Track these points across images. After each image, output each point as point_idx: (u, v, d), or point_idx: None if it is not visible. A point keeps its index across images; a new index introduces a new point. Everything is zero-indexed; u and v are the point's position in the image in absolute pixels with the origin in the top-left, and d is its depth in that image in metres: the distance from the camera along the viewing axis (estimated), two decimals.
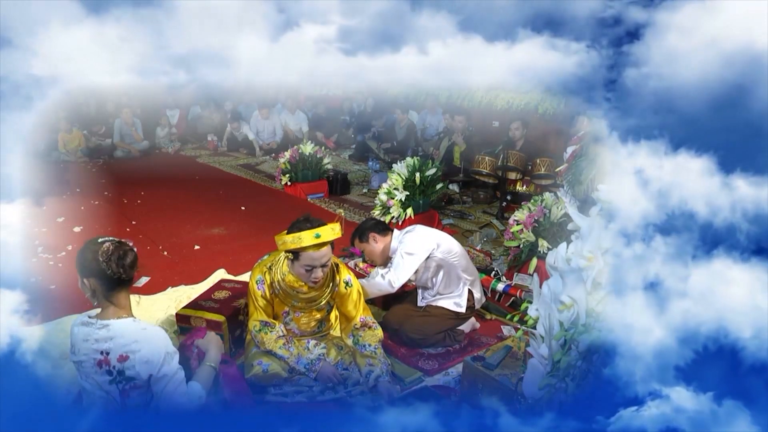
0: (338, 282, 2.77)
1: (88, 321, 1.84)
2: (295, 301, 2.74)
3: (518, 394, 2.16)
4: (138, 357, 1.78)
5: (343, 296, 2.79)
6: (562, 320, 1.75)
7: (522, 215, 3.85)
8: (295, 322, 2.81)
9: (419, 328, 3.12)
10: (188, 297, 3.54)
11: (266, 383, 2.65)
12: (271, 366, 2.66)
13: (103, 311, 1.85)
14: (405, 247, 3.17)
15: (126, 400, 1.83)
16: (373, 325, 2.82)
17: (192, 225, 5.31)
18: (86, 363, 1.82)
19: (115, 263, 1.78)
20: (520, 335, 2.73)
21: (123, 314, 1.85)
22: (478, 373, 2.55)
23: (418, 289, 3.37)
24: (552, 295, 1.78)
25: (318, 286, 2.71)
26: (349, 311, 2.82)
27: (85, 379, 1.86)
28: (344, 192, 6.69)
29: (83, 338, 1.82)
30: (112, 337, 1.79)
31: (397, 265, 3.14)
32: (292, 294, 2.71)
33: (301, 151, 6.57)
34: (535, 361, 1.91)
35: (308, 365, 2.65)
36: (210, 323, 2.93)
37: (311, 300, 2.76)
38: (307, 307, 2.77)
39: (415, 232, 3.24)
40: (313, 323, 2.84)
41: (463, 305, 3.23)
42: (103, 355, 1.79)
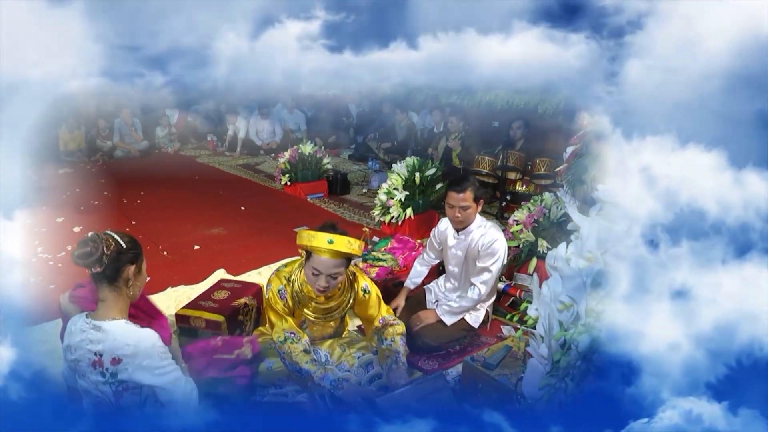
0: (356, 290, 2.73)
1: (84, 321, 1.84)
2: (311, 312, 2.69)
3: (518, 394, 2.16)
4: (130, 360, 1.78)
5: (361, 303, 2.76)
6: (562, 320, 1.75)
7: (522, 215, 3.85)
8: (309, 328, 2.77)
9: (439, 335, 3.09)
10: (188, 297, 3.54)
11: (268, 382, 2.64)
12: (275, 364, 2.65)
13: (97, 311, 1.85)
14: (497, 249, 3.05)
15: (120, 401, 1.83)
16: (394, 322, 2.76)
17: (192, 225, 5.31)
18: (82, 362, 1.83)
19: (73, 252, 1.77)
20: (520, 335, 2.73)
21: (116, 315, 1.83)
22: (478, 373, 2.55)
23: (435, 292, 3.35)
24: (552, 295, 1.78)
25: (333, 296, 2.67)
26: (370, 315, 2.78)
27: (81, 377, 1.86)
28: (344, 192, 6.69)
29: (79, 338, 1.82)
30: (104, 340, 1.79)
31: (497, 269, 3.04)
32: (308, 304, 2.68)
33: (301, 151, 6.58)
34: (535, 361, 1.91)
35: (335, 382, 2.51)
36: (209, 323, 2.93)
37: (328, 311, 2.72)
38: (323, 318, 2.73)
39: (498, 230, 3.13)
40: (328, 330, 2.82)
41: (480, 320, 3.21)
42: (97, 356, 1.79)
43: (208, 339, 2.50)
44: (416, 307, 3.28)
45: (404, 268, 3.86)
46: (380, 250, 4.08)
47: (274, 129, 9.27)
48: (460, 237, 3.16)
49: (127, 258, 1.84)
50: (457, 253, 3.18)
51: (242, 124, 9.22)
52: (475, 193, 3.06)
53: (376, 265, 3.81)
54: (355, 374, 2.62)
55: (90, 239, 1.79)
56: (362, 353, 2.74)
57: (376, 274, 3.72)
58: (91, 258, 1.77)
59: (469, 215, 3.08)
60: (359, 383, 2.59)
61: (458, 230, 3.17)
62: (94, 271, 1.79)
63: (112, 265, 1.80)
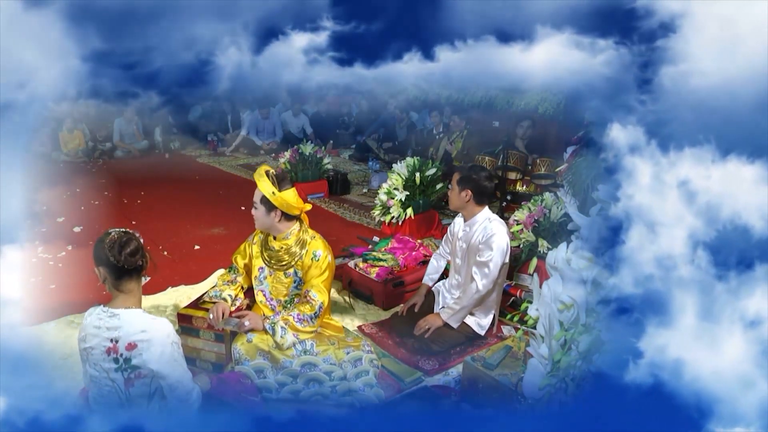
0: (308, 251, 2.89)
1: (100, 310, 1.92)
2: (267, 257, 2.96)
3: (518, 394, 2.17)
4: (145, 346, 1.86)
5: (307, 266, 2.89)
6: (562, 320, 1.75)
7: (522, 215, 3.85)
8: (268, 282, 2.99)
9: (444, 340, 3.08)
10: (188, 297, 3.55)
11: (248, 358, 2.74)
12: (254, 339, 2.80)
13: (114, 300, 1.93)
14: (500, 242, 3.02)
15: (130, 389, 1.89)
16: (311, 300, 2.85)
17: (192, 225, 5.32)
18: (96, 350, 1.89)
19: (118, 252, 1.85)
20: (520, 335, 2.74)
21: (132, 304, 1.92)
22: (478, 373, 2.55)
23: (442, 294, 3.34)
24: (552, 295, 1.78)
25: (283, 246, 2.91)
26: (306, 279, 2.91)
27: (93, 366, 1.92)
28: (344, 192, 6.69)
29: (95, 325, 1.89)
30: (121, 326, 1.87)
31: (496, 264, 3.01)
32: (266, 249, 2.97)
33: (301, 151, 6.57)
34: (535, 361, 1.91)
35: (216, 294, 2.97)
36: (210, 323, 2.93)
37: (279, 260, 2.93)
38: (275, 267, 2.95)
39: (502, 225, 3.11)
40: (282, 290, 2.97)
41: (485, 327, 3.20)
42: (113, 342, 1.86)
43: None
44: (422, 313, 3.27)
45: (404, 268, 3.86)
46: (380, 250, 4.08)
47: (275, 129, 9.26)
48: (465, 228, 3.16)
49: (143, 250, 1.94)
50: (462, 245, 3.18)
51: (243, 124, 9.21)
52: (461, 177, 3.08)
53: (377, 265, 3.80)
54: (341, 368, 2.72)
55: (130, 236, 1.89)
56: (352, 349, 2.83)
57: (376, 274, 3.71)
58: (138, 253, 1.88)
59: (452, 197, 3.15)
60: (345, 377, 2.70)
61: (465, 221, 3.17)
62: (138, 264, 1.89)
63: (146, 257, 1.94)
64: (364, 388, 2.69)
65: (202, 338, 2.92)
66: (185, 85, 2.37)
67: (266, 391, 2.65)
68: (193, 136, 9.62)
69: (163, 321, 1.93)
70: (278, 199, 2.77)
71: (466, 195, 3.08)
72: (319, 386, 2.66)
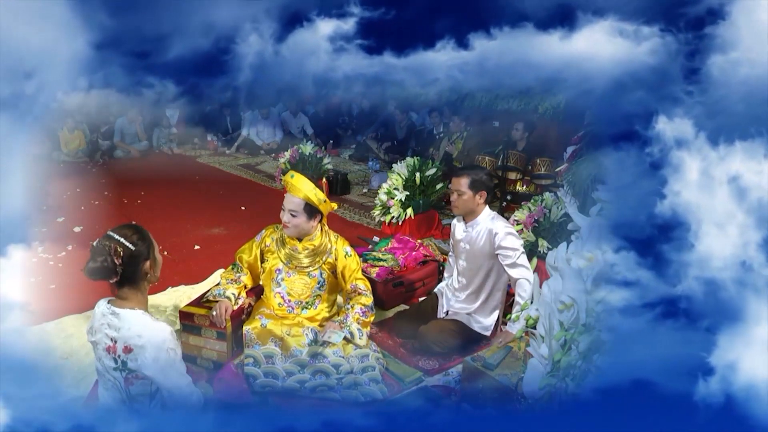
0: (338, 250, 2.92)
1: (106, 305, 1.87)
2: (284, 257, 2.90)
3: (518, 394, 2.17)
4: (140, 351, 1.80)
5: (342, 264, 2.94)
6: (562, 320, 1.75)
7: (522, 215, 3.85)
8: (286, 283, 2.92)
9: (446, 342, 3.07)
10: (188, 297, 3.54)
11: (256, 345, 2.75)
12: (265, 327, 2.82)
13: (117, 299, 1.87)
14: (512, 239, 3.01)
15: (130, 388, 1.86)
16: (363, 292, 2.93)
17: (192, 225, 5.32)
18: (99, 345, 1.86)
19: (105, 270, 1.78)
20: (521, 335, 2.73)
21: (134, 305, 1.86)
22: (478, 373, 2.55)
23: (446, 296, 3.32)
24: (552, 295, 1.78)
25: (306, 248, 2.88)
26: (347, 277, 2.96)
27: (98, 360, 1.90)
28: (344, 192, 6.69)
29: (100, 321, 1.86)
30: (120, 327, 1.81)
31: (523, 255, 3.01)
32: (283, 248, 2.90)
33: (301, 151, 6.58)
34: (535, 361, 1.91)
35: (219, 292, 2.92)
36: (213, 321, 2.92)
37: (299, 261, 2.89)
38: (296, 269, 2.91)
39: (505, 222, 3.11)
40: (305, 291, 2.92)
41: (490, 329, 3.19)
42: (112, 342, 1.83)
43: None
44: (426, 314, 3.26)
45: (404, 268, 3.86)
46: (380, 250, 4.08)
47: (275, 129, 9.25)
48: (468, 230, 3.14)
49: (140, 257, 1.83)
50: (466, 246, 3.16)
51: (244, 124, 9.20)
52: (472, 180, 3.02)
53: (377, 265, 3.80)
54: (349, 362, 2.73)
55: (97, 252, 1.77)
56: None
57: (377, 274, 3.71)
58: (105, 272, 1.77)
59: (466, 203, 3.06)
60: (351, 371, 2.71)
61: (465, 222, 3.15)
62: (112, 281, 1.80)
63: (128, 270, 1.80)
64: (369, 383, 2.69)
65: (203, 336, 2.92)
66: (203, 74, 2.18)
67: (272, 377, 2.65)
68: (206, 128, 9.53)
69: (161, 326, 1.85)
70: (327, 205, 2.77)
71: (481, 197, 3.05)
72: (326, 378, 2.67)
